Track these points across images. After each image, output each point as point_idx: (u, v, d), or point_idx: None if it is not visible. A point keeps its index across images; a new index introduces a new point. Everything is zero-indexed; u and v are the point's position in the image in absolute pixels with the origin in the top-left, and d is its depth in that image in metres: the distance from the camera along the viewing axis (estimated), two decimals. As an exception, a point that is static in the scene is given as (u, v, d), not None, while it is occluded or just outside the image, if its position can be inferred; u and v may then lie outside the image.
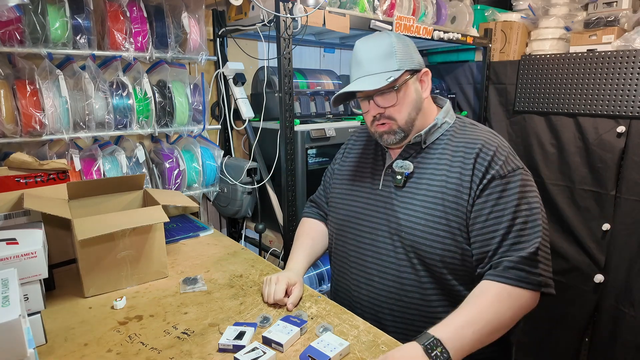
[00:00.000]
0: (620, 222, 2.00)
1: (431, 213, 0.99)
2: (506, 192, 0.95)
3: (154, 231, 1.17)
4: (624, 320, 2.01)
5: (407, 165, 1.06)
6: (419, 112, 1.05)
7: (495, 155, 0.97)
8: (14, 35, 1.23)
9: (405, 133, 1.05)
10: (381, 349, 0.89)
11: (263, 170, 1.73)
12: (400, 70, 1.00)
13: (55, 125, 1.31)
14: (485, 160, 0.97)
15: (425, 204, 1.00)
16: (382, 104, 1.03)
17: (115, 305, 1.04)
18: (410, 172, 1.05)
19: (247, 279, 1.21)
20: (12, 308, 0.66)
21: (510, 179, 0.96)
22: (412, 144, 1.07)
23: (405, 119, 1.03)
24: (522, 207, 0.94)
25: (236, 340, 0.87)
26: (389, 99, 1.02)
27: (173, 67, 1.60)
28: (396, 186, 1.06)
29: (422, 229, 0.99)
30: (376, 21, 1.70)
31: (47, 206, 1.07)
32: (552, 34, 2.29)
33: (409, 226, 1.01)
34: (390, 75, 0.99)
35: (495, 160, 0.97)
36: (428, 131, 1.06)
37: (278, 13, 1.39)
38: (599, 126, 2.03)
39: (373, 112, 1.04)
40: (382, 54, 1.01)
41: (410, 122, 1.04)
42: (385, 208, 1.07)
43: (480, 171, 0.96)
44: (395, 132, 1.04)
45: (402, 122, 1.03)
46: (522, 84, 2.32)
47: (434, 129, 1.06)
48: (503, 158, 0.97)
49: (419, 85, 1.06)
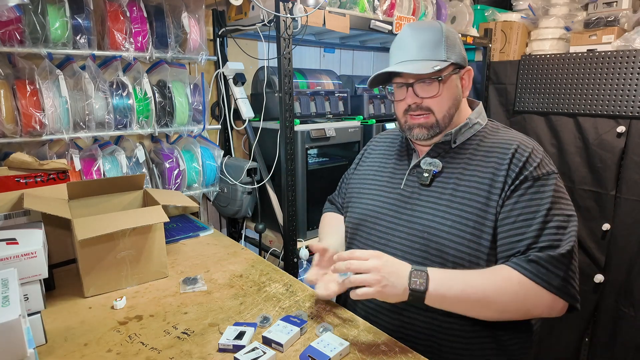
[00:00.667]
0: (620, 222, 2.00)
1: (458, 214, 0.94)
2: (538, 195, 0.91)
3: (154, 231, 1.17)
4: (624, 320, 2.01)
5: (436, 163, 1.01)
6: (456, 110, 1.01)
7: (530, 156, 0.94)
8: (14, 35, 1.23)
9: (440, 129, 1.00)
10: (381, 349, 0.89)
11: (263, 170, 1.73)
12: (447, 62, 0.96)
13: (55, 125, 1.31)
14: (519, 161, 0.93)
15: (452, 204, 0.96)
16: (422, 93, 0.97)
17: (115, 305, 1.04)
18: (439, 170, 1.00)
19: (247, 279, 1.21)
20: (12, 308, 0.66)
21: (544, 182, 0.92)
22: (441, 143, 1.03)
23: (443, 113, 0.98)
24: (554, 212, 0.89)
25: (236, 340, 0.87)
26: (430, 89, 0.96)
27: (173, 67, 1.60)
28: (422, 184, 1.02)
29: (448, 230, 0.94)
30: (376, 21, 1.70)
31: (47, 206, 1.08)
32: (552, 34, 2.29)
33: (434, 227, 0.96)
34: (437, 64, 0.94)
35: (530, 162, 0.93)
36: (459, 130, 1.01)
37: (278, 13, 1.39)
38: (599, 126, 2.03)
39: (410, 100, 0.98)
40: (431, 42, 0.96)
41: (448, 118, 0.99)
42: (406, 207, 1.02)
43: (514, 171, 0.93)
44: (430, 126, 0.99)
45: (440, 116, 0.98)
46: (522, 84, 2.32)
47: (465, 128, 1.02)
48: (538, 160, 0.94)
49: (460, 83, 1.02)
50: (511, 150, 0.95)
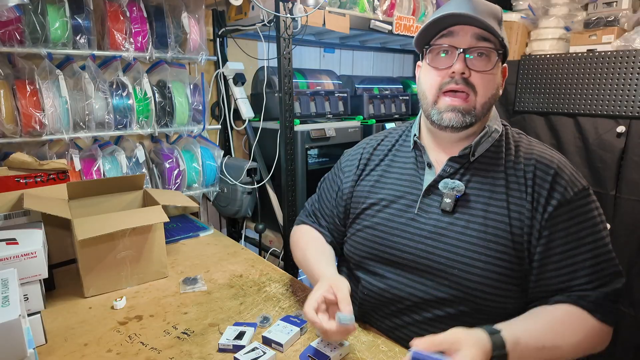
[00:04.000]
0: (620, 222, 2.00)
1: (493, 248, 0.80)
2: (574, 220, 0.80)
3: (154, 231, 1.17)
4: (624, 320, 2.01)
5: (458, 185, 0.85)
6: (494, 103, 0.88)
7: (558, 174, 0.82)
8: (14, 35, 1.23)
9: (475, 119, 0.84)
10: (381, 349, 0.89)
11: (263, 170, 1.73)
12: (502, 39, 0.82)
13: (55, 125, 1.31)
14: (545, 181, 0.81)
15: (485, 236, 0.81)
16: (474, 65, 0.81)
17: (115, 305, 1.04)
18: (462, 194, 0.85)
19: (247, 279, 1.21)
20: (12, 308, 0.66)
21: (578, 203, 0.81)
22: (458, 157, 0.87)
23: (486, 98, 0.83)
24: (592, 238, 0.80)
25: (236, 340, 0.87)
26: (485, 62, 0.82)
27: (173, 67, 1.60)
28: (443, 211, 0.86)
29: (482, 267, 0.80)
30: (376, 21, 1.70)
31: (47, 206, 1.08)
32: (552, 34, 2.29)
33: (464, 262, 0.82)
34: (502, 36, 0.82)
35: (559, 181, 0.81)
36: (479, 141, 0.86)
37: (278, 13, 1.39)
38: (599, 126, 2.03)
39: (458, 67, 0.81)
40: (492, 13, 0.84)
41: (486, 108, 0.85)
42: (426, 237, 0.86)
43: (543, 194, 0.80)
44: (468, 111, 0.83)
45: (482, 100, 0.83)
46: (522, 84, 2.32)
47: (485, 137, 0.87)
48: (566, 177, 0.82)
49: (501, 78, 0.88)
50: (532, 168, 0.83)
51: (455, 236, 0.84)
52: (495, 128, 0.89)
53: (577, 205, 0.81)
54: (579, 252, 0.80)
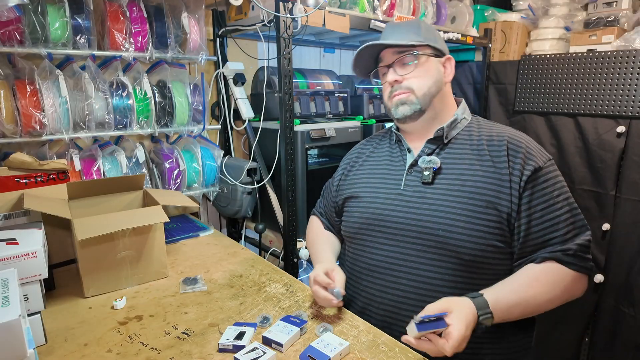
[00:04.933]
0: (620, 222, 2.00)
1: (471, 209, 0.95)
2: (547, 183, 0.96)
3: (154, 231, 1.17)
4: (624, 320, 2.01)
5: (434, 160, 1.02)
6: (439, 92, 1.05)
7: (527, 148, 0.98)
8: (14, 35, 1.23)
9: (421, 106, 1.04)
10: (381, 349, 0.89)
11: (263, 170, 1.73)
12: (422, 42, 1.03)
13: (55, 125, 1.31)
14: (518, 153, 0.97)
15: (462, 199, 0.96)
16: (401, 71, 1.04)
17: (115, 305, 1.04)
18: (438, 167, 1.02)
19: (247, 279, 1.21)
20: (12, 308, 0.66)
21: (547, 170, 0.97)
22: (433, 139, 1.06)
23: (423, 90, 1.03)
24: (563, 197, 0.96)
25: (236, 340, 0.87)
26: (406, 67, 1.04)
27: (173, 67, 1.60)
28: (424, 183, 1.02)
29: (463, 225, 0.95)
30: (376, 21, 1.70)
31: (47, 206, 1.08)
32: (552, 34, 2.29)
33: (448, 223, 0.96)
34: (413, 41, 1.02)
35: (529, 153, 0.97)
36: (450, 125, 1.05)
37: (278, 13, 1.39)
38: (599, 126, 2.03)
39: (391, 77, 1.05)
40: (408, 29, 1.06)
41: (428, 96, 1.04)
42: (411, 207, 1.02)
43: (518, 165, 0.96)
44: (412, 102, 1.04)
45: (420, 93, 1.03)
46: (522, 84, 2.32)
47: (455, 123, 1.06)
48: (534, 151, 0.98)
49: (442, 69, 1.07)
50: (504, 144, 0.99)
51: (437, 202, 0.99)
52: (465, 117, 1.09)
53: (548, 171, 0.97)
54: (556, 208, 0.95)
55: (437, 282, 0.97)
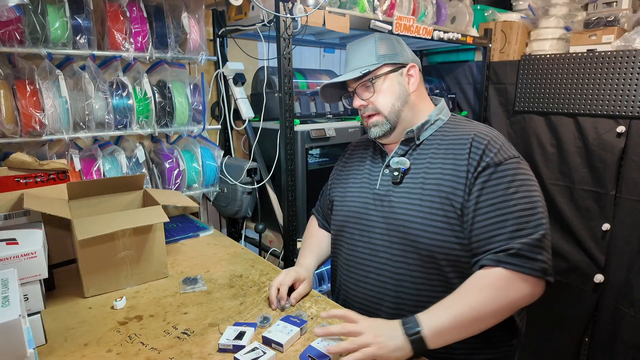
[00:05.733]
0: (620, 222, 2.00)
1: (429, 206, 0.99)
2: (502, 180, 0.94)
3: (154, 231, 1.17)
4: (624, 320, 2.01)
5: (403, 161, 1.07)
6: (405, 105, 1.07)
7: (490, 144, 0.97)
8: (14, 35, 1.23)
9: (391, 124, 1.07)
10: (381, 349, 0.89)
11: (263, 170, 1.73)
12: (377, 64, 1.06)
13: (55, 125, 1.31)
14: (478, 149, 0.97)
15: (422, 197, 1.01)
16: (363, 96, 1.09)
17: (115, 305, 1.04)
18: (407, 167, 1.06)
19: (247, 279, 1.21)
20: (12, 308, 0.66)
21: (506, 166, 0.95)
22: (406, 141, 1.09)
23: (388, 109, 1.06)
24: (520, 195, 0.93)
25: (236, 340, 0.87)
26: (367, 91, 1.08)
27: (173, 67, 1.60)
28: (394, 183, 1.07)
29: (421, 222, 0.99)
30: (376, 21, 1.70)
31: (47, 206, 1.08)
32: (552, 34, 2.29)
33: (408, 220, 1.01)
34: (366, 69, 1.05)
35: (490, 149, 0.97)
36: (420, 127, 1.07)
37: (278, 13, 1.39)
38: (599, 126, 2.03)
39: (357, 104, 1.10)
40: (363, 52, 1.09)
41: (395, 113, 1.07)
42: (383, 205, 1.07)
43: (475, 160, 0.96)
44: (381, 123, 1.07)
45: (386, 112, 1.06)
46: (522, 84, 2.32)
47: (427, 125, 1.08)
48: (497, 147, 0.97)
49: (406, 80, 1.08)
50: (468, 141, 1.00)
51: (401, 200, 1.04)
52: (441, 118, 1.09)
53: (505, 167, 0.95)
54: (506, 205, 0.92)
55: (402, 277, 1.03)
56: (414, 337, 0.83)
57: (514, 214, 0.91)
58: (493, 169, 0.95)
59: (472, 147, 0.98)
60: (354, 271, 1.12)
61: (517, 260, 0.88)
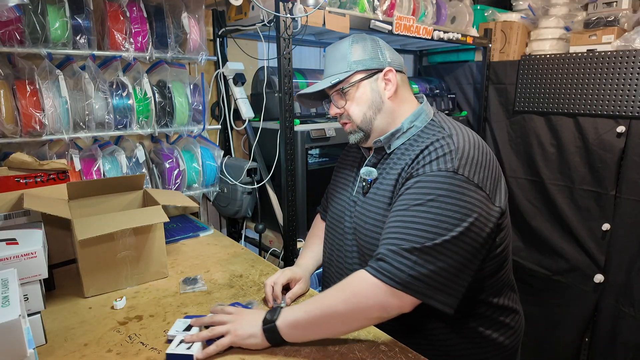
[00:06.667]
0: (620, 222, 2.00)
1: (380, 219, 0.98)
2: (418, 190, 0.87)
3: (154, 231, 1.17)
4: (624, 320, 2.02)
5: (371, 172, 1.05)
6: (379, 113, 1.02)
7: (430, 154, 0.90)
8: (14, 35, 1.23)
9: (364, 132, 1.04)
10: (381, 349, 0.89)
11: (263, 170, 1.73)
12: (348, 72, 1.01)
13: (55, 125, 1.31)
14: (418, 159, 0.92)
15: (377, 209, 1.00)
16: (338, 104, 1.06)
17: (115, 305, 1.04)
18: (374, 178, 1.04)
19: (247, 279, 1.21)
20: (12, 308, 0.66)
21: (429, 178, 0.87)
22: (378, 149, 1.05)
23: (360, 118, 1.03)
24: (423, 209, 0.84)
25: (185, 332, 0.90)
26: (341, 99, 1.05)
27: (173, 67, 1.60)
28: (363, 192, 1.07)
29: (371, 234, 1.00)
30: (376, 21, 1.70)
31: (47, 206, 1.08)
32: (552, 34, 2.29)
33: (361, 231, 1.03)
34: (337, 78, 1.02)
35: (425, 158, 0.90)
36: (390, 136, 1.02)
37: (278, 13, 1.39)
38: (599, 126, 2.03)
39: (332, 111, 1.08)
40: (337, 58, 1.04)
41: (367, 122, 1.03)
42: (351, 213, 1.08)
43: (406, 171, 0.93)
44: (355, 131, 1.05)
45: (358, 121, 1.03)
46: (522, 84, 2.32)
47: (398, 134, 1.01)
48: (432, 157, 0.89)
49: (381, 85, 1.01)
50: (420, 149, 0.93)
51: (362, 211, 1.05)
52: (415, 125, 1.02)
53: (428, 179, 0.87)
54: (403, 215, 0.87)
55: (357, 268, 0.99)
56: (267, 326, 0.87)
57: (406, 224, 0.85)
58: (416, 179, 0.89)
59: (417, 157, 0.93)
60: (327, 274, 1.17)
61: (377, 265, 0.84)
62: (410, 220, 0.85)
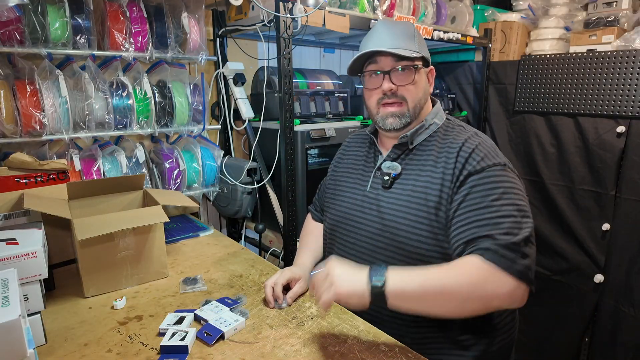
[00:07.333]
0: (620, 222, 2.00)
1: (415, 213, 0.98)
2: (483, 187, 0.92)
3: (154, 231, 1.17)
4: (624, 320, 2.01)
5: (395, 166, 1.05)
6: (425, 103, 1.07)
7: (474, 152, 0.96)
8: (14, 35, 1.23)
9: (410, 119, 1.04)
10: (381, 349, 0.89)
11: (263, 170, 1.73)
12: (419, 54, 1.03)
13: (55, 125, 1.31)
14: (463, 158, 0.96)
15: (409, 204, 1.00)
16: (398, 81, 1.02)
17: (115, 305, 1.04)
18: (398, 173, 1.04)
19: (247, 279, 1.21)
20: (12, 308, 0.66)
21: (488, 174, 0.93)
22: (400, 145, 1.07)
23: (415, 102, 1.04)
24: (502, 202, 0.89)
25: (176, 325, 0.92)
26: (406, 77, 1.02)
27: (173, 67, 1.60)
28: (383, 187, 1.06)
29: (407, 229, 0.98)
30: (376, 21, 1.70)
31: (47, 206, 1.08)
32: (552, 34, 2.29)
33: (395, 226, 1.01)
34: (414, 53, 1.01)
35: (473, 157, 0.95)
36: (415, 132, 1.05)
37: (278, 13, 1.39)
38: (599, 126, 2.03)
39: (386, 86, 1.02)
40: (405, 34, 1.03)
41: (418, 108, 1.05)
42: (371, 209, 1.06)
43: (458, 169, 0.96)
44: (403, 114, 1.03)
45: (412, 104, 1.03)
46: (522, 84, 2.32)
47: (422, 130, 1.06)
48: (482, 155, 0.96)
49: (427, 80, 1.08)
50: (456, 149, 0.98)
51: (388, 206, 1.03)
52: (435, 122, 1.07)
53: (487, 174, 0.93)
54: (487, 212, 0.89)
55: None
56: (376, 290, 0.82)
57: (495, 219, 0.88)
58: (474, 176, 0.93)
59: (459, 156, 0.97)
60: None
61: (497, 257, 0.84)
62: (500, 215, 0.88)
